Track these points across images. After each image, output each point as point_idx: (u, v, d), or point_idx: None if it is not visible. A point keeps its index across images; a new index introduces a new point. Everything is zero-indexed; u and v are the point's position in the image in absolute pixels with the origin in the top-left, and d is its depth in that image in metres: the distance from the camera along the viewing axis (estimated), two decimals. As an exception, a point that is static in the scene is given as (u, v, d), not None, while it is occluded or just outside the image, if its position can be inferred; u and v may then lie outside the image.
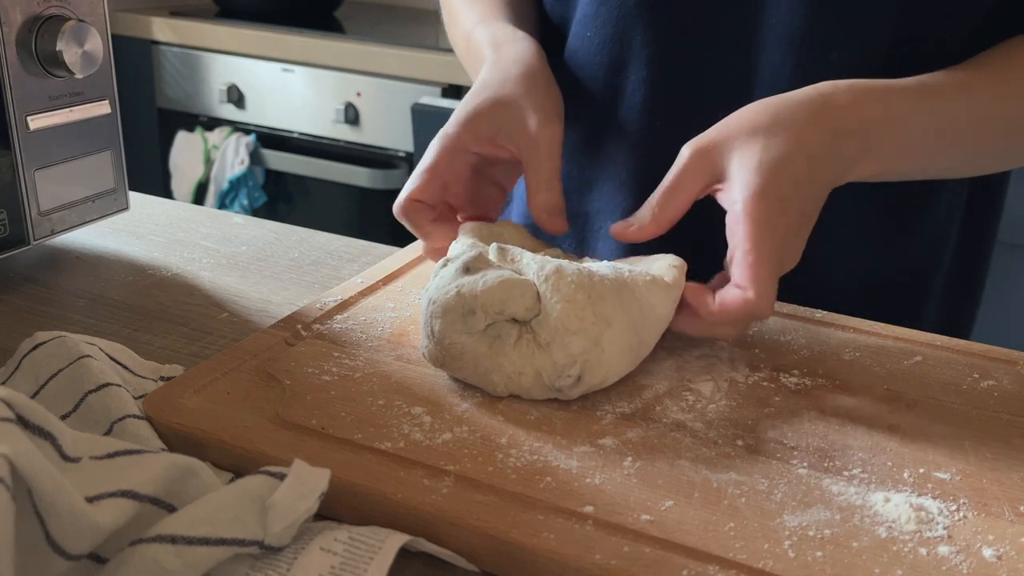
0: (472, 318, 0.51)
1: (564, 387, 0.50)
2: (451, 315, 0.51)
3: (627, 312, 0.52)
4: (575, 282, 0.51)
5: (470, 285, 0.51)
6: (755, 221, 0.53)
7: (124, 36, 2.13)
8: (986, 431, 0.50)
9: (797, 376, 0.55)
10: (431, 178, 0.61)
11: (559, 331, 0.50)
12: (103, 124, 0.70)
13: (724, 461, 0.46)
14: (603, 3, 0.72)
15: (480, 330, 0.51)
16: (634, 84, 0.72)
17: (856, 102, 0.59)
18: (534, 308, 0.51)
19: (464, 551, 0.41)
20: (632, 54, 0.72)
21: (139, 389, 0.51)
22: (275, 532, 0.38)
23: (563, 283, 0.51)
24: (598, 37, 0.73)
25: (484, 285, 0.51)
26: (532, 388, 0.51)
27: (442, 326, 0.52)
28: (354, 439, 0.47)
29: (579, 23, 0.75)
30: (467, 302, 0.51)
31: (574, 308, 0.50)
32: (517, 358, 0.51)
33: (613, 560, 0.39)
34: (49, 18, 0.64)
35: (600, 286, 0.51)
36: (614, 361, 0.51)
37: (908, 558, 0.40)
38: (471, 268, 0.53)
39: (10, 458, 0.34)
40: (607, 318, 0.51)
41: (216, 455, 0.46)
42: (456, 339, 0.51)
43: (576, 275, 0.51)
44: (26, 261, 0.71)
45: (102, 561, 0.38)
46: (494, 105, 0.62)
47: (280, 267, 0.72)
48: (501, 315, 0.51)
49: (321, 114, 2.01)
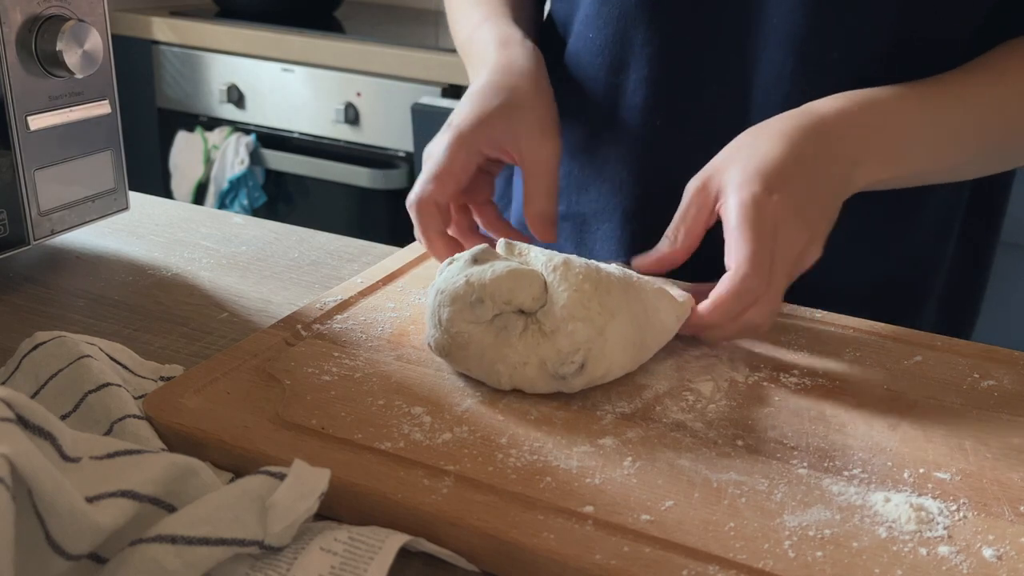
0: (480, 307, 0.51)
1: (567, 375, 0.51)
2: (459, 303, 0.52)
3: (631, 307, 0.53)
4: (582, 273, 0.52)
5: (479, 274, 0.52)
6: (742, 205, 0.55)
7: (124, 36, 2.13)
8: (986, 431, 0.50)
9: (797, 376, 0.55)
10: (450, 180, 0.62)
11: (564, 319, 0.51)
12: (103, 124, 0.70)
13: (724, 461, 0.46)
14: (604, 3, 0.72)
15: (488, 320, 0.52)
16: (634, 84, 0.72)
17: (839, 108, 0.61)
18: (541, 298, 0.52)
19: (464, 551, 0.41)
20: (632, 54, 0.72)
21: (139, 389, 0.51)
22: (275, 532, 0.38)
23: (571, 273, 0.52)
24: (599, 38, 0.73)
25: (493, 274, 0.52)
26: (536, 379, 0.51)
27: (450, 314, 0.52)
28: (354, 439, 0.47)
29: (581, 23, 0.75)
30: (476, 290, 0.52)
31: (580, 297, 0.51)
32: (522, 348, 0.51)
33: (613, 560, 0.39)
34: (49, 18, 0.64)
35: (607, 280, 0.53)
36: (616, 353, 0.52)
37: (908, 558, 0.40)
38: (479, 259, 0.54)
39: (10, 458, 0.34)
40: (612, 309, 0.51)
41: (216, 455, 0.46)
42: (463, 328, 0.52)
43: (584, 267, 0.53)
44: (26, 261, 0.71)
45: (102, 561, 0.38)
46: (507, 112, 0.64)
47: (280, 267, 0.72)
48: (509, 304, 0.52)
49: (321, 114, 2.01)
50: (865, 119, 0.60)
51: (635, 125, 0.73)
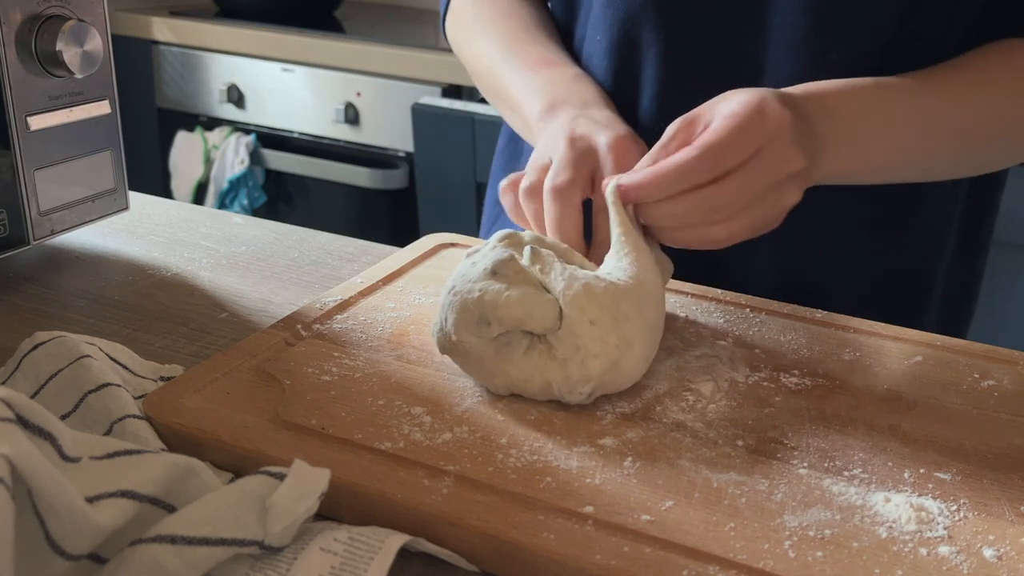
0: (486, 327, 0.50)
1: (573, 401, 0.50)
2: (466, 316, 0.51)
3: (647, 323, 0.52)
4: (603, 305, 0.50)
5: (493, 295, 0.50)
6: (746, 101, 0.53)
7: (124, 36, 2.13)
8: (986, 431, 0.50)
9: (797, 376, 0.55)
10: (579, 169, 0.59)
11: (580, 350, 0.49)
12: (103, 124, 0.70)
13: (724, 461, 0.46)
14: (608, 5, 0.72)
15: (491, 338, 0.51)
16: (642, 85, 0.73)
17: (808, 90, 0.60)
18: (553, 326, 0.50)
19: (464, 551, 0.41)
20: (639, 55, 0.72)
21: (139, 389, 0.51)
22: (275, 532, 0.38)
23: (591, 305, 0.50)
24: (606, 39, 0.74)
25: (505, 299, 0.50)
26: (536, 393, 0.51)
27: (455, 322, 0.51)
28: (354, 439, 0.47)
29: (585, 26, 0.76)
30: (486, 312, 0.50)
31: (599, 332, 0.50)
32: (526, 366, 0.50)
33: (613, 560, 0.39)
34: (49, 18, 0.64)
35: (625, 304, 0.51)
36: (629, 376, 0.51)
37: (908, 558, 0.40)
38: (499, 272, 0.52)
39: (10, 458, 0.34)
40: (629, 340, 0.50)
41: (216, 455, 0.46)
42: (465, 338, 0.51)
43: (603, 295, 0.50)
44: (26, 261, 0.71)
45: (102, 561, 0.38)
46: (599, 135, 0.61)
47: (280, 267, 0.72)
48: (518, 329, 0.51)
49: (321, 114, 2.01)
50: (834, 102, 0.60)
51: (643, 125, 0.73)
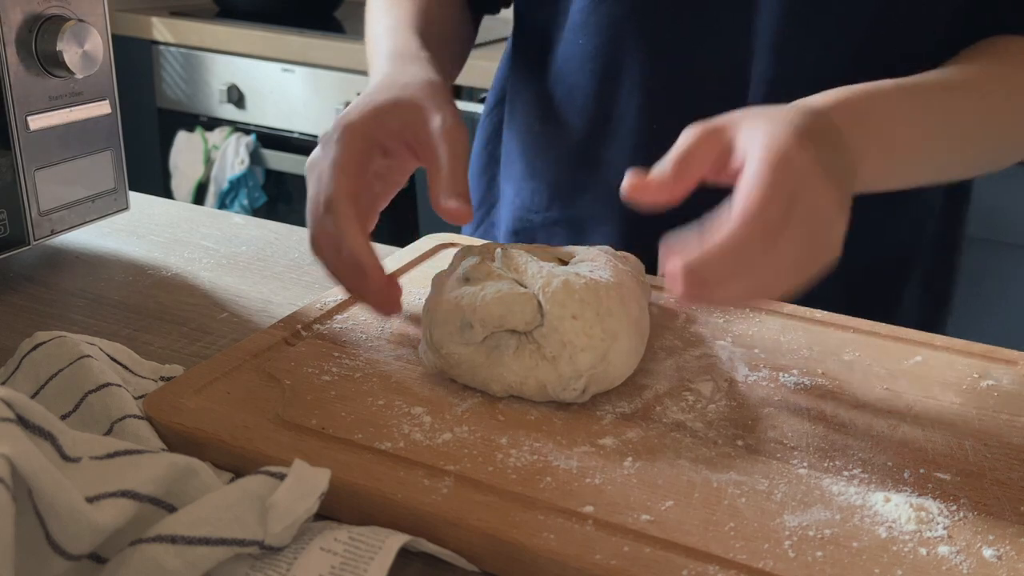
0: (470, 331, 0.51)
1: (568, 398, 0.51)
2: (448, 326, 0.51)
3: (630, 318, 0.52)
4: (583, 299, 0.50)
5: (469, 298, 0.51)
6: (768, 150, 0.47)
7: (124, 36, 2.13)
8: (986, 431, 0.50)
9: (797, 376, 0.55)
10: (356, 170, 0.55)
11: (567, 346, 0.50)
12: (103, 124, 0.70)
13: (724, 461, 0.46)
14: (594, 11, 0.72)
15: (478, 342, 0.51)
16: (629, 88, 0.73)
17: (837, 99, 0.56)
18: (534, 321, 0.51)
19: (464, 551, 0.41)
20: (625, 59, 0.72)
21: (139, 389, 0.51)
22: (275, 532, 0.38)
23: (571, 300, 0.50)
24: (591, 44, 0.73)
25: (482, 300, 0.51)
26: (533, 395, 0.51)
27: (439, 336, 0.52)
28: (354, 439, 0.47)
29: (570, 30, 0.75)
30: (466, 315, 0.51)
31: (583, 326, 0.50)
32: (518, 368, 0.50)
33: (613, 560, 0.39)
34: (49, 18, 0.64)
35: (607, 298, 0.51)
36: (619, 370, 0.51)
37: (908, 558, 0.40)
38: (471, 278, 0.53)
39: (10, 458, 0.34)
40: (614, 332, 0.51)
41: (216, 455, 0.46)
42: (453, 349, 0.51)
43: (583, 290, 0.51)
44: (26, 261, 0.71)
45: (102, 561, 0.38)
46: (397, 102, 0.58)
47: (280, 267, 0.72)
48: (500, 328, 0.51)
49: (321, 114, 2.01)
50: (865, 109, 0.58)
51: (630, 128, 0.73)
